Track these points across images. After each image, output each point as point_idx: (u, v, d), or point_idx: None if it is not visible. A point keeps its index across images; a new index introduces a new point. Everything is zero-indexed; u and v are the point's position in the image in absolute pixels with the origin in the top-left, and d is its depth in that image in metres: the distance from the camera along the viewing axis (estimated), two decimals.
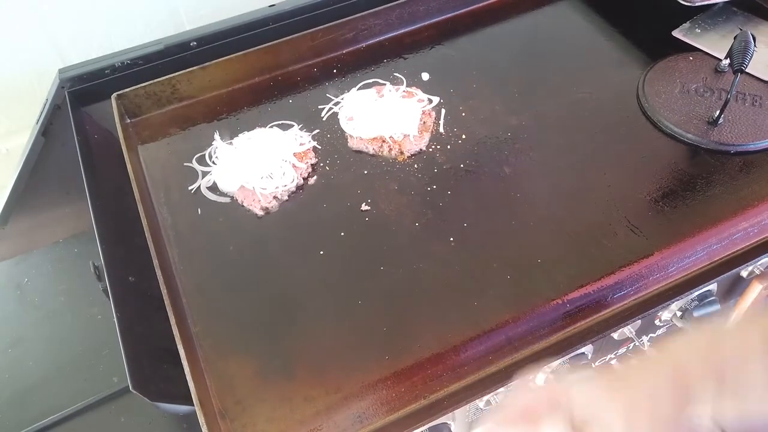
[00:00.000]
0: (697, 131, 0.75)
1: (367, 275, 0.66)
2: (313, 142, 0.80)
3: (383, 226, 0.70)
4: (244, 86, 0.89)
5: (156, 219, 0.73)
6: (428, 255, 0.67)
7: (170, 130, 0.84)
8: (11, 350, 0.81)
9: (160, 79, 0.84)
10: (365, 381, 0.58)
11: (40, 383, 0.77)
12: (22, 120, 0.98)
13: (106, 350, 0.79)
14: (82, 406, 0.73)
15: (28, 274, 0.90)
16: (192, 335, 0.63)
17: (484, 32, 0.95)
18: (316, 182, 0.76)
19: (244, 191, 0.74)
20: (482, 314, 0.62)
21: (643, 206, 0.69)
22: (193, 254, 0.70)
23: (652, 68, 0.84)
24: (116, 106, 0.82)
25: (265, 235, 0.71)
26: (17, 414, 0.74)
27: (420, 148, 0.78)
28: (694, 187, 0.71)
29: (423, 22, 0.95)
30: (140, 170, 0.78)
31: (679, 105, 0.79)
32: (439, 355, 0.59)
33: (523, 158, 0.76)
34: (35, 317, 0.84)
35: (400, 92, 0.82)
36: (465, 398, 0.57)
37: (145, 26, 0.98)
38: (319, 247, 0.69)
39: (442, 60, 0.90)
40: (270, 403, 0.57)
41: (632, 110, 0.80)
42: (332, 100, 0.85)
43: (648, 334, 0.73)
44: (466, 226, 0.69)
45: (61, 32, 0.92)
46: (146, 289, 0.67)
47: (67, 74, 0.84)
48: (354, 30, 0.91)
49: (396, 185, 0.74)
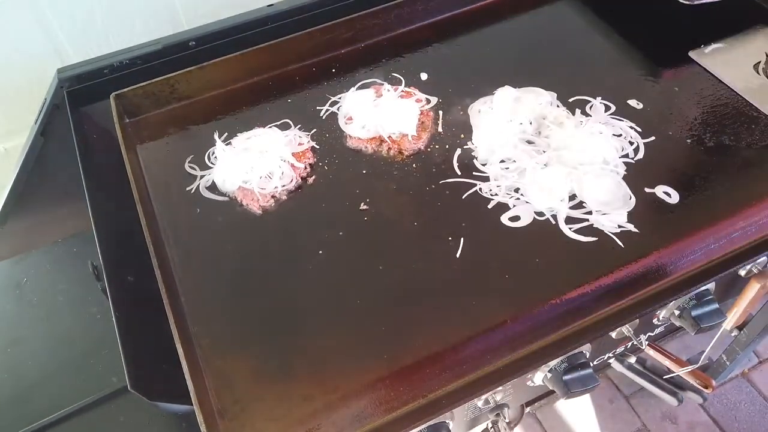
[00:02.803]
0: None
1: (365, 274, 0.66)
2: (311, 141, 0.80)
3: (382, 226, 0.70)
4: (243, 86, 0.89)
5: (155, 219, 0.73)
6: (427, 254, 0.67)
7: (169, 130, 0.84)
8: (10, 350, 0.81)
9: (158, 79, 0.84)
10: (364, 380, 0.58)
11: (39, 383, 0.77)
12: (21, 120, 0.98)
13: (105, 350, 0.79)
14: (81, 406, 0.73)
15: (27, 273, 0.90)
16: (191, 335, 0.63)
17: (483, 32, 0.95)
18: (315, 182, 0.76)
19: (243, 191, 0.74)
20: (480, 313, 0.62)
21: (642, 205, 0.69)
22: (191, 254, 0.70)
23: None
24: (115, 106, 0.82)
25: (264, 235, 0.71)
26: (16, 413, 0.74)
27: (419, 147, 0.78)
28: (692, 186, 0.71)
29: (421, 22, 0.95)
30: (139, 170, 0.78)
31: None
32: (437, 354, 0.59)
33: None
34: (34, 317, 0.84)
35: (399, 92, 0.82)
36: (463, 397, 0.58)
37: (144, 26, 0.98)
38: (318, 247, 0.69)
39: (441, 60, 0.90)
40: (268, 402, 0.57)
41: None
42: (331, 99, 0.85)
43: (646, 333, 0.73)
44: (464, 225, 0.69)
45: (60, 32, 0.92)
46: (145, 288, 0.67)
47: (66, 74, 0.84)
48: (352, 30, 0.91)
49: (395, 185, 0.75)
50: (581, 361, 0.64)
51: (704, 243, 0.66)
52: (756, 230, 0.68)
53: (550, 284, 0.63)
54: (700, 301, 0.70)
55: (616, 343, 0.72)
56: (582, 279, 0.63)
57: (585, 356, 0.66)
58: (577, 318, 0.62)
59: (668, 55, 0.88)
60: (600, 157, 0.73)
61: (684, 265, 0.66)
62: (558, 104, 0.81)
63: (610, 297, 0.63)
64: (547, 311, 0.62)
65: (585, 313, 0.62)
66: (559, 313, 0.62)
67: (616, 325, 0.63)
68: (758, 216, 0.68)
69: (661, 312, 0.71)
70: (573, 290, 0.63)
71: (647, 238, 0.66)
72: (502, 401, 0.68)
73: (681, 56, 0.87)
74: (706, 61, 0.86)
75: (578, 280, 0.63)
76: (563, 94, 0.83)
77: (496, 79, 0.84)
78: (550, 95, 0.81)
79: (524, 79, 0.84)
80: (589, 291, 0.63)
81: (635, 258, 0.65)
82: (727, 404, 1.38)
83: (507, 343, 0.60)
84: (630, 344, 0.73)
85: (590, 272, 0.64)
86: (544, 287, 0.63)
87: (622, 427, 1.36)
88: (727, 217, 0.68)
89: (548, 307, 0.62)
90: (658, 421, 1.36)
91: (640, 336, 0.71)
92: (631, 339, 0.68)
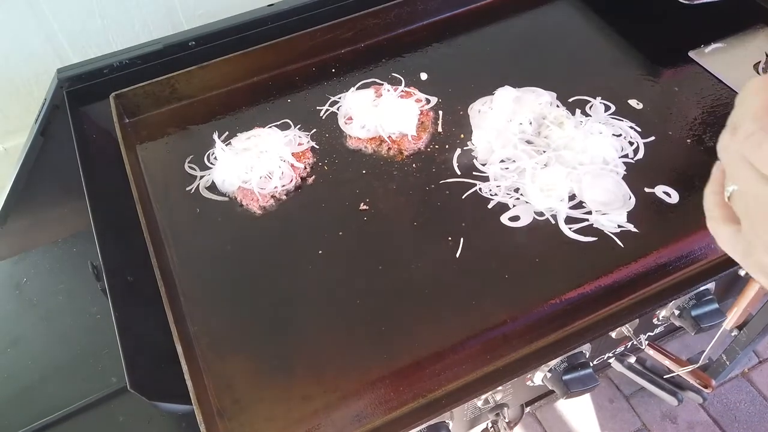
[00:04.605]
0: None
1: (365, 274, 0.66)
2: (311, 141, 0.80)
3: (381, 226, 0.70)
4: (243, 86, 0.89)
5: (154, 218, 0.73)
6: (426, 254, 0.67)
7: (169, 130, 0.84)
8: (10, 350, 0.81)
9: (158, 79, 0.84)
10: (363, 380, 0.58)
11: (39, 383, 0.77)
12: (20, 119, 0.98)
13: (105, 350, 0.79)
14: (80, 406, 0.73)
15: (26, 273, 0.90)
16: (190, 335, 0.63)
17: (483, 32, 0.95)
18: (315, 182, 0.76)
19: (242, 191, 0.74)
20: (480, 313, 0.62)
21: (641, 205, 0.69)
22: (191, 254, 0.70)
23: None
24: (115, 106, 0.82)
25: (264, 235, 0.71)
26: (16, 413, 0.74)
27: (418, 147, 0.78)
28: (692, 186, 0.71)
29: (421, 22, 0.95)
30: (139, 170, 0.78)
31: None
32: (437, 354, 0.59)
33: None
34: (34, 317, 0.84)
35: (399, 92, 0.82)
36: (463, 397, 0.58)
37: (144, 26, 0.98)
38: (318, 247, 0.69)
39: (441, 60, 0.90)
40: (268, 402, 0.57)
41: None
42: (330, 99, 0.85)
43: (646, 332, 0.73)
44: (464, 225, 0.69)
45: (59, 32, 0.92)
46: (145, 288, 0.67)
47: (66, 74, 0.84)
48: (352, 29, 0.91)
49: (394, 185, 0.75)
50: (581, 361, 0.64)
51: (704, 243, 0.66)
52: None
53: (550, 284, 0.63)
54: (699, 301, 0.70)
55: (616, 343, 0.72)
56: (582, 279, 0.63)
57: (585, 356, 0.66)
58: (577, 318, 0.62)
59: (668, 55, 0.87)
60: (600, 157, 0.73)
61: (684, 264, 0.66)
62: (558, 104, 0.81)
63: (610, 297, 0.63)
64: (546, 311, 0.62)
65: (585, 313, 0.62)
66: (558, 313, 0.62)
67: (616, 325, 0.63)
68: None
69: (661, 312, 0.71)
70: (573, 290, 0.63)
71: (647, 238, 0.66)
72: (502, 401, 0.68)
73: (681, 56, 0.87)
74: (706, 61, 0.85)
75: (578, 280, 0.63)
76: (563, 94, 0.83)
77: (496, 79, 0.84)
78: (550, 95, 0.81)
79: (524, 79, 0.84)
80: (588, 291, 0.63)
81: (635, 258, 0.65)
82: (727, 404, 1.38)
83: (507, 343, 0.60)
84: (630, 344, 0.73)
85: (590, 272, 0.64)
86: (544, 287, 0.63)
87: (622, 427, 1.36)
88: None
89: (548, 307, 0.62)
90: (658, 421, 1.36)
91: (640, 336, 0.71)
92: (631, 339, 0.68)
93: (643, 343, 0.73)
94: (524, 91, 0.82)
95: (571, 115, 0.79)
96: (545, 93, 0.82)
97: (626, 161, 0.74)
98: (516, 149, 0.75)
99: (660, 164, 0.74)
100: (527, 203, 0.70)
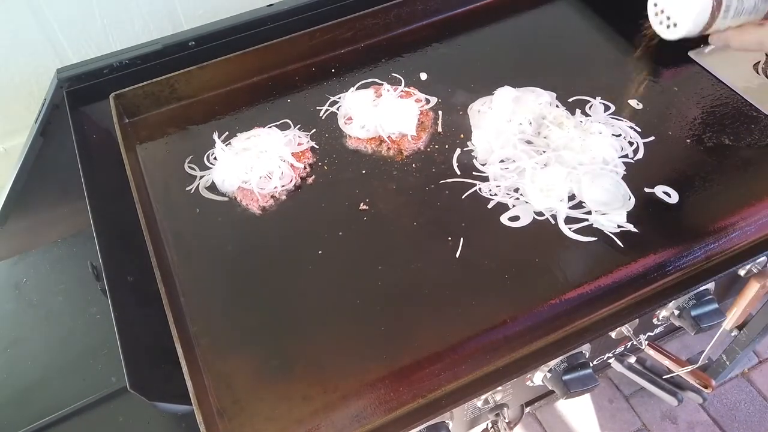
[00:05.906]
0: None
1: (365, 274, 0.66)
2: (311, 141, 0.80)
3: (381, 226, 0.70)
4: (243, 86, 0.89)
5: (154, 219, 0.73)
6: (426, 254, 0.67)
7: (168, 130, 0.84)
8: (10, 350, 0.81)
9: (158, 79, 0.84)
10: (363, 380, 0.58)
11: (39, 383, 0.77)
12: (20, 120, 0.98)
13: (105, 350, 0.79)
14: (80, 406, 0.73)
15: (26, 273, 0.90)
16: (190, 335, 0.63)
17: (483, 32, 0.95)
18: (315, 182, 0.76)
19: (242, 191, 0.74)
20: (480, 313, 0.62)
21: (641, 205, 0.70)
22: (191, 254, 0.70)
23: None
24: (114, 106, 0.82)
25: (264, 235, 0.71)
26: (16, 414, 0.74)
27: (418, 147, 0.78)
28: (692, 186, 0.71)
29: (421, 22, 0.95)
30: (138, 170, 0.78)
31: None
32: (437, 354, 0.59)
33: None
34: (34, 317, 0.84)
35: (398, 92, 0.82)
36: (463, 397, 0.58)
37: (144, 26, 0.98)
38: (318, 247, 0.69)
39: (441, 60, 0.90)
40: (268, 403, 0.57)
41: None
42: (330, 99, 0.85)
43: (646, 332, 0.73)
44: (464, 225, 0.69)
45: (59, 32, 0.92)
46: (145, 288, 0.67)
47: (66, 74, 0.84)
48: (352, 29, 0.92)
49: (394, 185, 0.75)
50: (581, 361, 0.64)
51: (704, 243, 0.66)
52: (755, 230, 0.68)
53: (549, 284, 0.63)
54: (699, 301, 0.70)
55: (616, 343, 0.72)
56: (582, 279, 0.63)
57: (585, 356, 0.66)
58: (577, 318, 0.62)
59: (668, 55, 0.87)
60: (599, 157, 0.73)
61: (683, 265, 0.66)
62: (557, 104, 0.81)
63: (610, 297, 0.63)
64: (546, 311, 0.62)
65: (585, 313, 0.62)
66: (558, 313, 0.62)
67: (615, 325, 0.63)
68: (758, 215, 0.68)
69: (661, 312, 0.71)
70: (573, 290, 0.63)
71: (647, 238, 0.66)
72: (502, 401, 0.68)
73: (681, 56, 0.87)
74: (706, 61, 0.85)
75: (578, 280, 0.63)
76: (563, 94, 0.83)
77: (496, 79, 0.84)
78: (549, 95, 0.82)
79: (524, 79, 0.84)
80: (588, 291, 0.63)
81: (635, 258, 0.65)
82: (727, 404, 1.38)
83: (507, 343, 0.60)
84: (630, 344, 0.73)
85: (590, 272, 0.64)
86: (544, 287, 0.63)
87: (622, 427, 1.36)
88: (727, 217, 0.68)
89: (548, 307, 0.62)
90: (658, 421, 1.36)
91: (639, 336, 0.71)
92: (630, 339, 0.68)
93: (642, 343, 0.73)
94: (524, 91, 0.82)
95: (570, 115, 0.79)
96: (545, 93, 0.82)
97: (626, 161, 0.74)
98: (516, 149, 0.75)
99: (660, 164, 0.74)
100: (527, 203, 0.71)
